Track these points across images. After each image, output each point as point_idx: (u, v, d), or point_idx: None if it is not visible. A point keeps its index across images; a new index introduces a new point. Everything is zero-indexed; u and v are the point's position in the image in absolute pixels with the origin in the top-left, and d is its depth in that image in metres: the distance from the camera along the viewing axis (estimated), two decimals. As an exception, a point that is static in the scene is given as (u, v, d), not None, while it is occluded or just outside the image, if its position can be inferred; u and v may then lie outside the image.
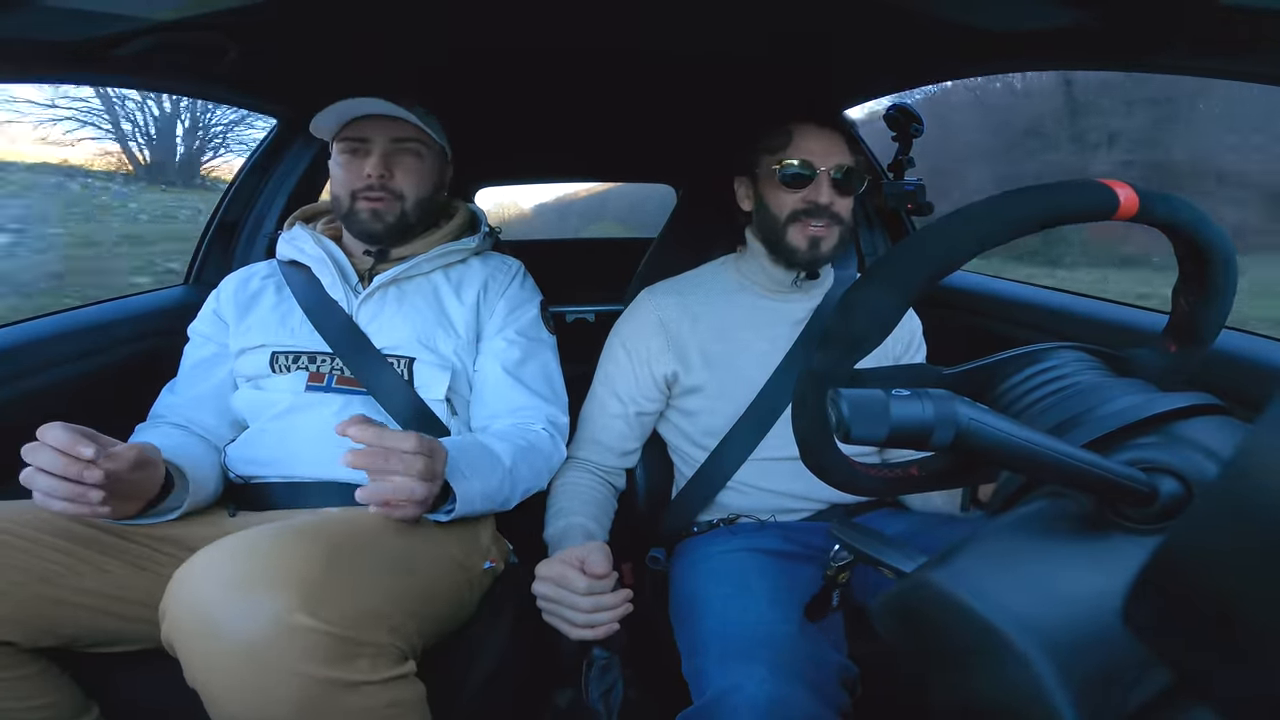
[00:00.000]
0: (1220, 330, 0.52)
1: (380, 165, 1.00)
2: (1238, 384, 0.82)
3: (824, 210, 0.97)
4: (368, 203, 1.01)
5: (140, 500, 0.80)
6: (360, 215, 1.01)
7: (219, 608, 0.57)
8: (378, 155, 1.00)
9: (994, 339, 1.24)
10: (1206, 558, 0.24)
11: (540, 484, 0.98)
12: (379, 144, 1.01)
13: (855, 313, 0.44)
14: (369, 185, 1.00)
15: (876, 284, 0.44)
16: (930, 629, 0.39)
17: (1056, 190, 0.43)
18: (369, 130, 1.01)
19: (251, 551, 0.61)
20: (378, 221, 1.01)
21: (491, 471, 0.86)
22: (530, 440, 0.96)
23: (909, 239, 0.44)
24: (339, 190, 1.03)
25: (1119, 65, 0.89)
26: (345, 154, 1.02)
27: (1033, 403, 0.47)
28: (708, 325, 1.04)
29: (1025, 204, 0.43)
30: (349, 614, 0.61)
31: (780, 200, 0.99)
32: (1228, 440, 0.38)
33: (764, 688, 0.67)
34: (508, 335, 1.03)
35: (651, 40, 1.09)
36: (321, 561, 0.62)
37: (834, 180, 0.97)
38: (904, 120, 1.26)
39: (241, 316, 1.02)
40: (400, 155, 1.02)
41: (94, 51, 0.88)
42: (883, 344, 0.46)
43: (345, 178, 1.02)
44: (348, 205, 1.02)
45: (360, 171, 1.00)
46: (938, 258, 0.43)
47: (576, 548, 0.82)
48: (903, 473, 0.52)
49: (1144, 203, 0.44)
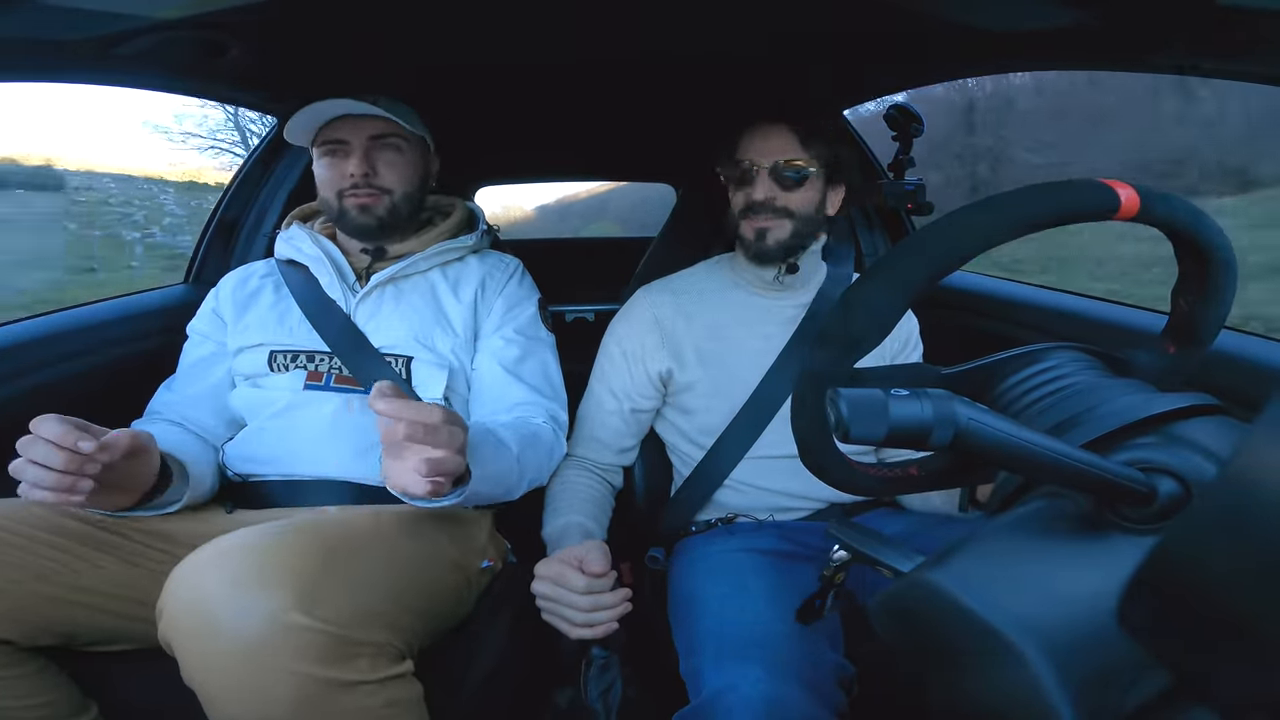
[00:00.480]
0: (1219, 331, 0.52)
1: (362, 164, 1.00)
2: (1237, 384, 0.82)
3: (764, 205, 0.99)
4: (355, 199, 1.01)
5: (134, 492, 0.79)
6: (350, 213, 1.02)
7: (216, 606, 0.57)
8: (358, 154, 1.00)
9: (992, 339, 1.24)
10: (1203, 558, 0.24)
11: (542, 477, 0.97)
12: (357, 143, 1.01)
13: (855, 311, 0.44)
14: (354, 185, 1.00)
15: (876, 283, 0.44)
16: (928, 629, 0.39)
17: (1059, 190, 0.43)
18: (345, 131, 1.01)
19: (248, 550, 0.60)
20: (368, 216, 1.02)
21: (499, 457, 0.84)
22: (534, 431, 0.95)
23: (910, 238, 0.44)
24: (325, 192, 1.04)
25: (1119, 65, 0.89)
26: (325, 156, 1.02)
27: (1031, 403, 0.47)
28: (701, 323, 1.05)
29: (1027, 203, 0.43)
30: (346, 613, 0.61)
31: (735, 199, 1.03)
32: (1226, 441, 0.38)
33: (760, 687, 0.67)
34: (505, 334, 1.03)
35: (651, 40, 1.09)
36: (318, 560, 0.62)
37: (774, 175, 0.98)
38: (904, 120, 1.26)
39: (240, 315, 1.02)
40: (380, 151, 1.02)
41: (94, 51, 0.88)
42: (880, 343, 0.46)
43: (329, 179, 1.02)
44: (336, 206, 1.02)
45: (343, 172, 1.00)
46: (938, 257, 0.42)
47: (575, 547, 0.81)
48: (901, 472, 0.52)
49: (1145, 202, 0.44)
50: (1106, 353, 0.51)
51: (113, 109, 10.73)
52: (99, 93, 1.19)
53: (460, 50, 1.12)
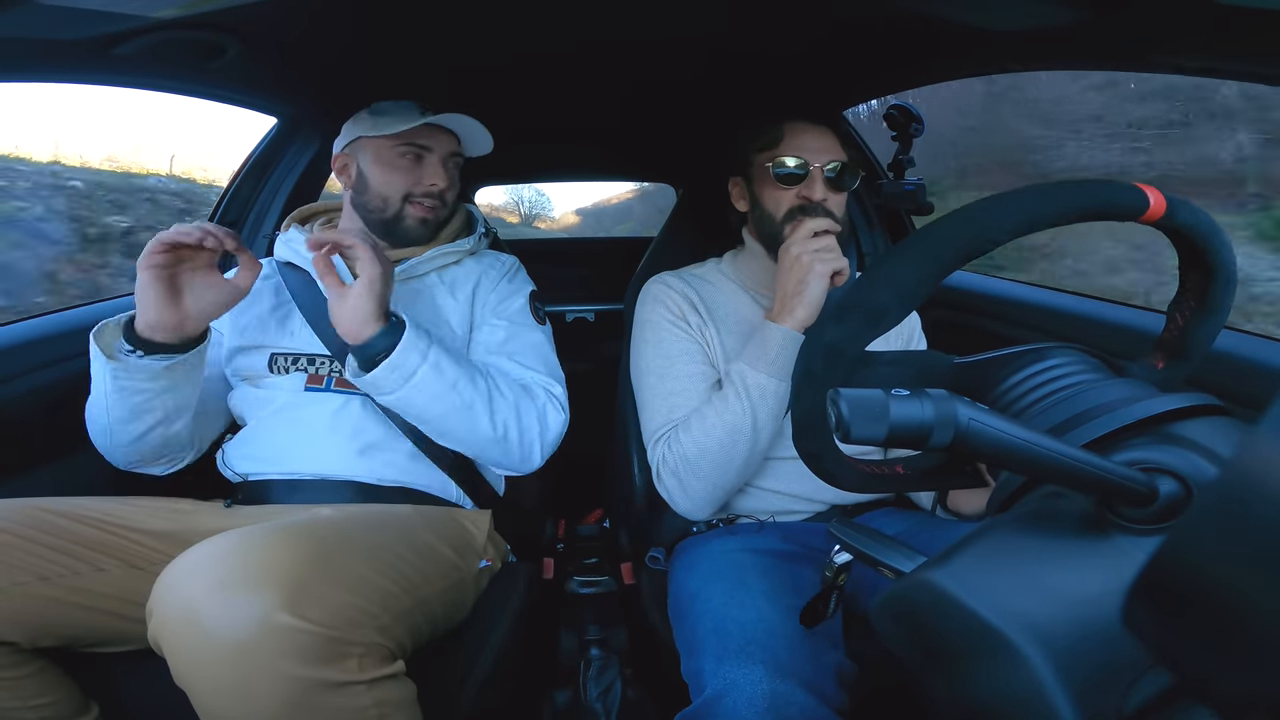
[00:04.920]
0: (1207, 350, 0.52)
1: (445, 177, 1.03)
2: (1238, 384, 0.82)
3: (819, 207, 0.97)
4: (421, 210, 1.03)
5: (195, 312, 0.84)
6: (408, 220, 1.03)
7: (204, 607, 0.57)
8: (439, 166, 1.03)
9: (992, 339, 1.24)
10: (1208, 558, 0.24)
11: (527, 428, 0.93)
12: (439, 153, 1.03)
13: (881, 284, 0.44)
14: (429, 193, 1.02)
15: (912, 254, 0.44)
16: (929, 629, 0.39)
17: (1095, 187, 0.44)
18: (432, 139, 1.03)
19: (237, 551, 0.61)
20: (425, 227, 1.05)
21: (458, 370, 0.88)
22: (525, 384, 0.97)
23: (946, 216, 0.44)
24: (390, 191, 1.03)
25: (1119, 65, 0.89)
26: (404, 158, 1.02)
27: (1034, 402, 0.47)
28: (712, 318, 1.04)
29: (1062, 196, 0.43)
30: (335, 614, 0.61)
31: (776, 198, 0.99)
32: (1227, 441, 0.38)
33: (762, 687, 0.67)
34: (494, 322, 1.04)
35: (651, 40, 1.09)
36: (308, 561, 0.62)
37: (827, 177, 0.97)
38: (904, 120, 1.25)
39: (240, 315, 1.02)
40: (451, 169, 1.06)
41: (94, 50, 0.88)
42: (883, 336, 0.46)
43: (400, 181, 1.02)
44: (397, 207, 1.03)
45: (421, 178, 1.02)
46: (974, 236, 0.43)
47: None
48: (888, 470, 0.52)
49: (1170, 208, 0.44)
50: (1104, 356, 0.51)
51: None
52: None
53: (460, 50, 1.12)
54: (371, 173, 1.03)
